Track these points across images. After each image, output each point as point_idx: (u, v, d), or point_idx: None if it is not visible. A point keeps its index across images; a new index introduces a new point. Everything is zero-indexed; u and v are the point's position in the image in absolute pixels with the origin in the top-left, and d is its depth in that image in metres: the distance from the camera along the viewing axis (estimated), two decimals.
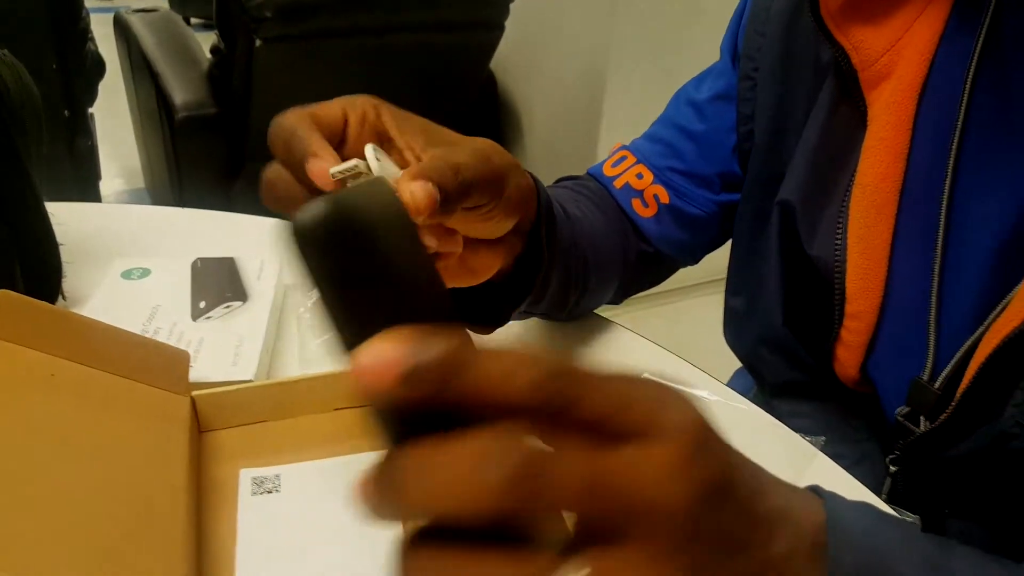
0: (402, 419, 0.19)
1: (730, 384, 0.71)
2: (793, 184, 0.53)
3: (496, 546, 0.19)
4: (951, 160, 0.46)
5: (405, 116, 0.39)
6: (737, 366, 0.70)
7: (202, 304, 0.57)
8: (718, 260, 0.69)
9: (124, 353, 0.42)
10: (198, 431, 0.46)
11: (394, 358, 0.18)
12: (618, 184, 0.62)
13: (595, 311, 0.63)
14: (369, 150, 0.36)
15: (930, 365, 0.48)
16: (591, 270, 0.56)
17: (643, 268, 0.64)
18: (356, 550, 0.39)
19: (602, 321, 0.63)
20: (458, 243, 0.40)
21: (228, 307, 0.57)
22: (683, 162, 0.62)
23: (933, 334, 0.48)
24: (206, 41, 1.66)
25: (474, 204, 0.37)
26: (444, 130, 0.40)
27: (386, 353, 0.18)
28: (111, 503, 0.34)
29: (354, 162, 0.34)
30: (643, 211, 0.62)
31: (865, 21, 0.48)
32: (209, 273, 0.61)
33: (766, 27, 0.56)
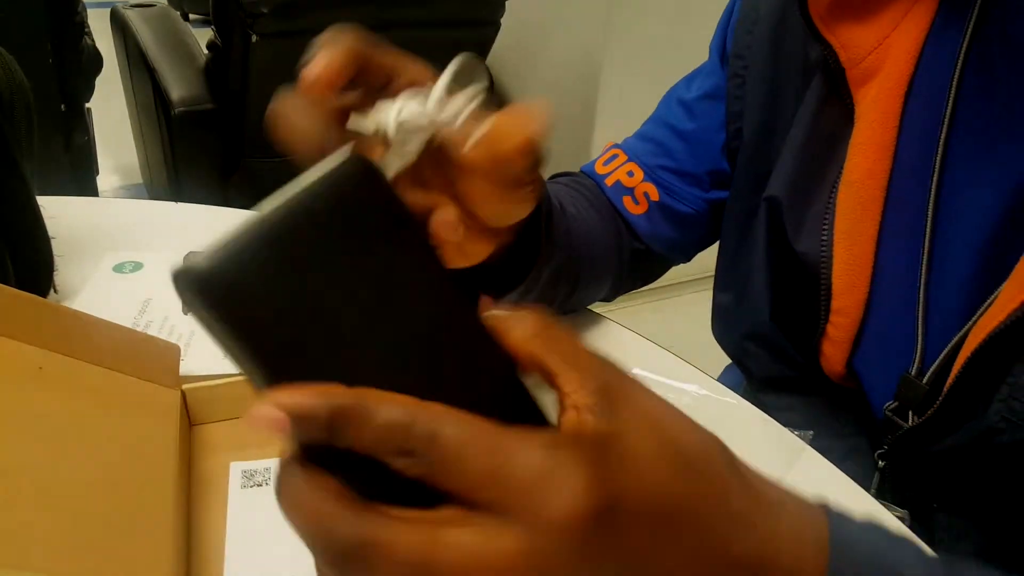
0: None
1: (720, 379, 0.71)
2: (780, 180, 0.54)
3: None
4: (938, 157, 0.46)
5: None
6: (728, 362, 0.70)
7: None
8: (709, 257, 0.69)
9: (115, 346, 0.42)
10: (188, 424, 0.46)
11: (277, 418, 0.20)
12: (609, 182, 0.63)
13: (587, 307, 0.63)
14: (393, 110, 0.28)
15: (918, 360, 0.48)
16: (583, 266, 0.56)
17: (635, 266, 0.65)
18: None
19: (594, 316, 0.63)
20: (459, 232, 0.39)
21: None
22: (673, 160, 0.62)
23: (921, 329, 0.48)
24: (203, 37, 1.66)
25: (532, 178, 0.35)
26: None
27: (270, 412, 0.20)
28: (101, 496, 0.35)
29: (378, 118, 0.28)
30: (634, 208, 0.62)
31: (853, 20, 0.48)
32: None
33: (755, 26, 0.57)
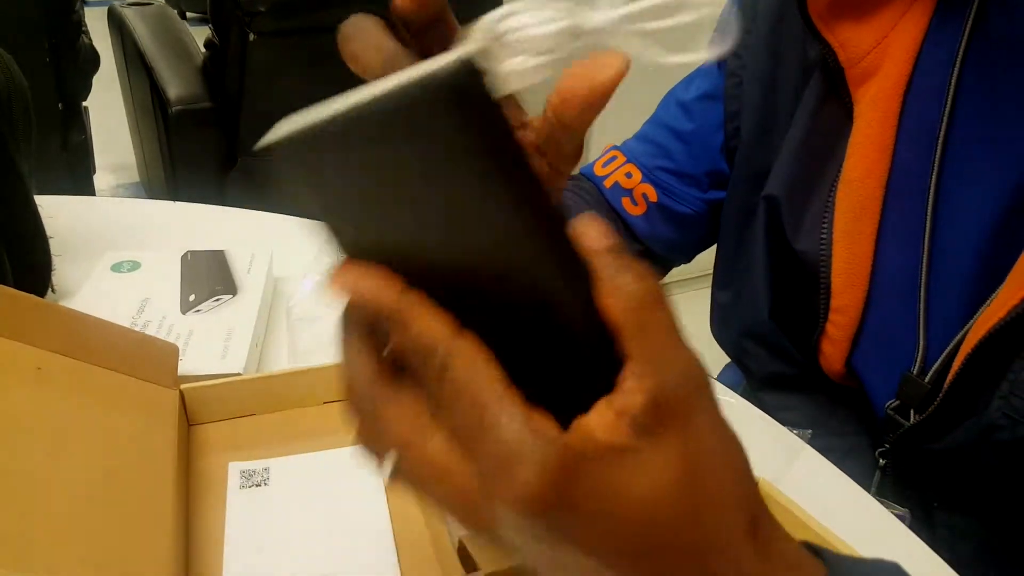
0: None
1: (719, 378, 0.71)
2: (779, 179, 0.54)
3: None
4: (936, 156, 0.46)
5: None
6: (727, 361, 0.70)
7: (192, 297, 0.57)
8: (707, 255, 0.69)
9: (113, 346, 0.42)
10: (187, 424, 0.46)
11: (341, 289, 0.23)
12: (608, 183, 0.63)
13: None
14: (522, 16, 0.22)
15: (920, 359, 0.48)
16: None
17: None
18: (344, 543, 0.40)
19: None
20: None
21: (218, 300, 0.57)
22: (672, 161, 0.63)
23: (922, 328, 0.48)
24: (200, 35, 1.66)
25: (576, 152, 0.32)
26: None
27: (338, 282, 0.23)
28: (99, 496, 0.35)
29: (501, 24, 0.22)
30: (633, 209, 0.63)
31: (852, 19, 0.48)
32: (199, 266, 0.61)
33: (752, 25, 0.57)
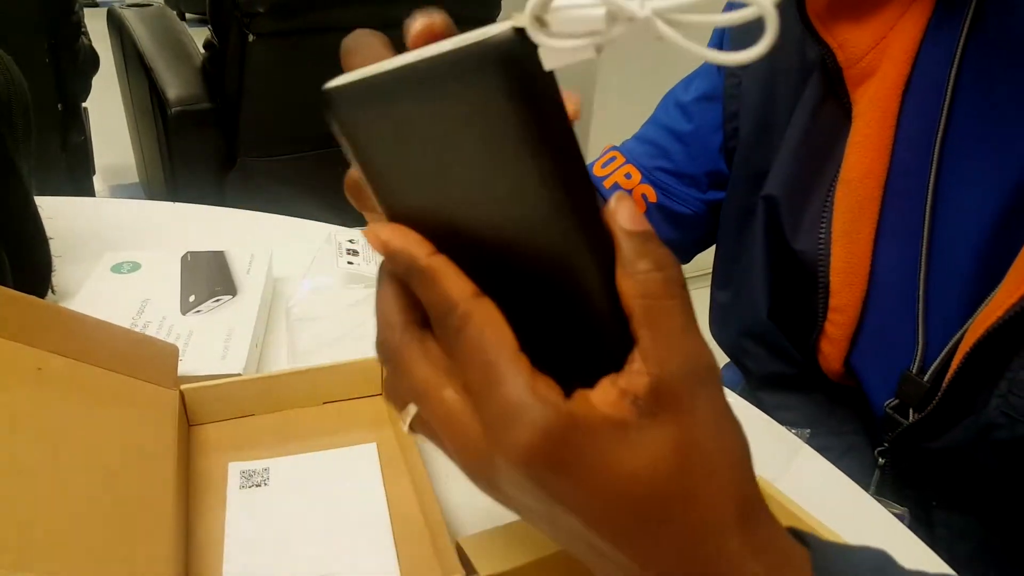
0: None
1: None
2: (778, 179, 0.54)
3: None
4: (935, 155, 0.46)
5: None
6: (725, 361, 0.70)
7: (192, 298, 0.57)
8: (706, 255, 0.69)
9: (113, 347, 0.42)
10: (187, 425, 0.46)
11: (376, 244, 0.25)
12: (607, 184, 0.63)
13: None
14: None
15: (919, 358, 0.49)
16: None
17: None
18: (343, 543, 0.40)
19: None
20: None
21: (218, 301, 0.57)
22: (671, 162, 0.63)
23: (922, 327, 0.48)
24: (200, 36, 1.66)
25: None
26: None
27: (373, 237, 0.25)
28: (99, 497, 0.35)
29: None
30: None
31: (850, 19, 0.48)
32: (199, 267, 0.61)
33: (752, 26, 0.57)
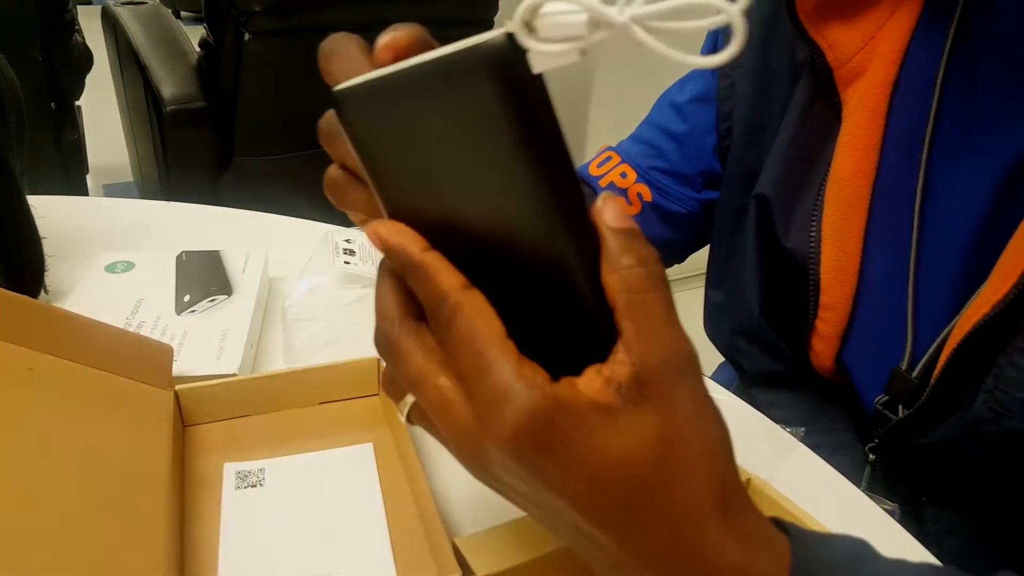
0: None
1: (713, 377, 0.72)
2: (770, 178, 0.54)
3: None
4: (923, 154, 0.47)
5: None
6: (721, 360, 0.70)
7: (186, 298, 0.57)
8: (701, 254, 0.70)
9: (107, 347, 0.42)
10: (181, 425, 0.46)
11: (374, 239, 0.27)
12: (603, 183, 0.64)
13: None
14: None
15: (908, 354, 0.49)
16: None
17: None
18: (339, 544, 0.40)
19: None
20: None
21: (213, 300, 0.57)
22: (666, 161, 0.63)
23: (911, 324, 0.49)
24: (195, 34, 1.65)
25: None
26: None
27: (372, 233, 0.27)
28: (93, 498, 0.34)
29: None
30: (627, 209, 0.63)
31: (839, 20, 0.49)
32: (194, 266, 0.61)
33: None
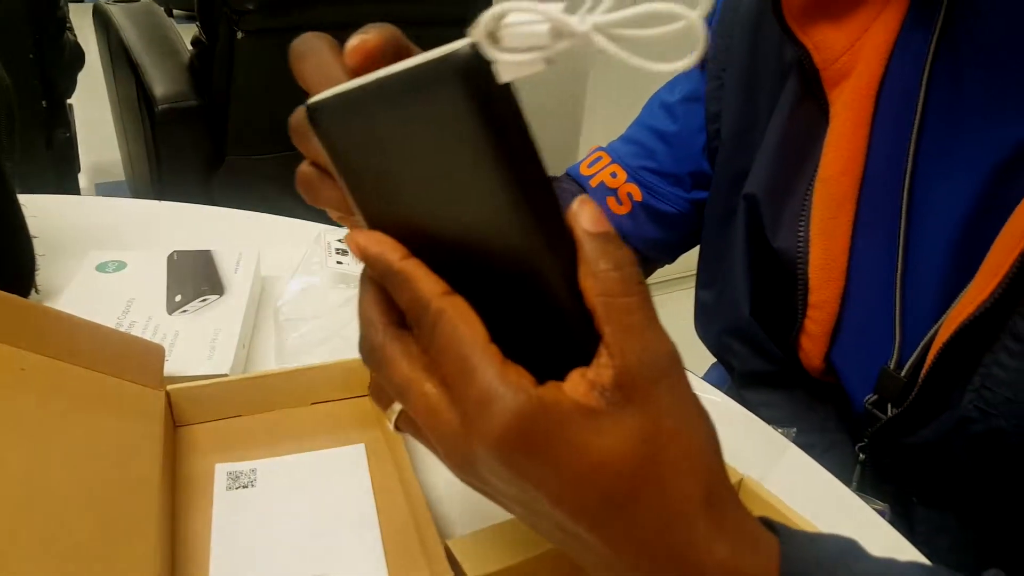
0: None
1: (704, 377, 0.72)
2: (758, 178, 0.55)
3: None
4: (910, 154, 0.47)
5: None
6: (712, 360, 0.71)
7: (178, 297, 0.57)
8: (691, 255, 0.70)
9: (98, 347, 0.42)
10: (173, 425, 0.46)
11: (358, 247, 0.27)
12: (593, 183, 0.64)
13: None
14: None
15: (896, 353, 0.49)
16: None
17: None
18: (331, 545, 0.40)
19: None
20: None
21: (204, 300, 0.57)
22: (656, 161, 0.64)
23: (898, 322, 0.49)
24: (187, 33, 1.64)
25: None
26: None
27: (352, 244, 0.27)
28: (84, 499, 0.34)
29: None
30: (618, 209, 0.63)
31: (826, 21, 0.49)
32: (185, 266, 0.61)
33: (733, 29, 0.58)
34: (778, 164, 0.54)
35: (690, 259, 0.72)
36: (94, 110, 2.08)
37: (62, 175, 1.60)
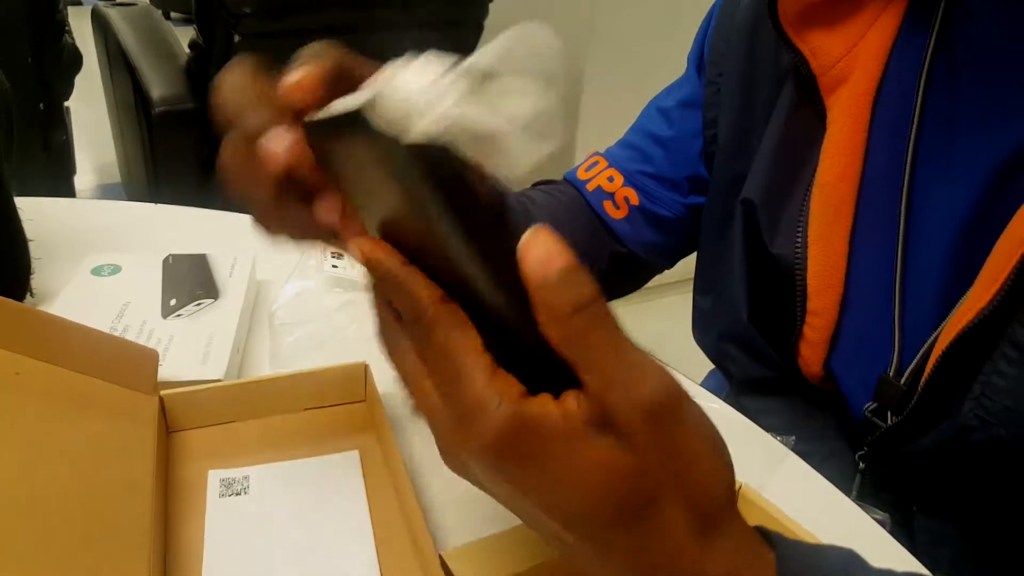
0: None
1: (703, 384, 0.72)
2: (755, 183, 0.55)
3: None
4: (908, 160, 0.47)
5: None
6: (711, 367, 0.70)
7: (173, 301, 0.56)
8: (689, 260, 0.70)
9: (91, 351, 0.42)
10: (166, 431, 0.45)
11: (358, 255, 0.28)
12: (590, 187, 0.64)
13: None
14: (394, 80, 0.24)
15: (895, 360, 0.49)
16: None
17: (619, 273, 0.66)
18: (325, 552, 0.39)
19: None
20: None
21: (199, 304, 0.56)
22: (653, 166, 0.64)
23: (898, 329, 0.49)
24: (185, 36, 1.64)
25: None
26: None
27: (354, 250, 0.28)
28: (76, 504, 0.34)
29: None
30: (614, 212, 0.64)
31: (822, 27, 0.49)
32: (180, 270, 0.60)
33: (730, 34, 0.58)
34: (775, 169, 0.54)
35: (688, 264, 0.72)
36: (91, 113, 2.07)
37: (58, 178, 1.59)
